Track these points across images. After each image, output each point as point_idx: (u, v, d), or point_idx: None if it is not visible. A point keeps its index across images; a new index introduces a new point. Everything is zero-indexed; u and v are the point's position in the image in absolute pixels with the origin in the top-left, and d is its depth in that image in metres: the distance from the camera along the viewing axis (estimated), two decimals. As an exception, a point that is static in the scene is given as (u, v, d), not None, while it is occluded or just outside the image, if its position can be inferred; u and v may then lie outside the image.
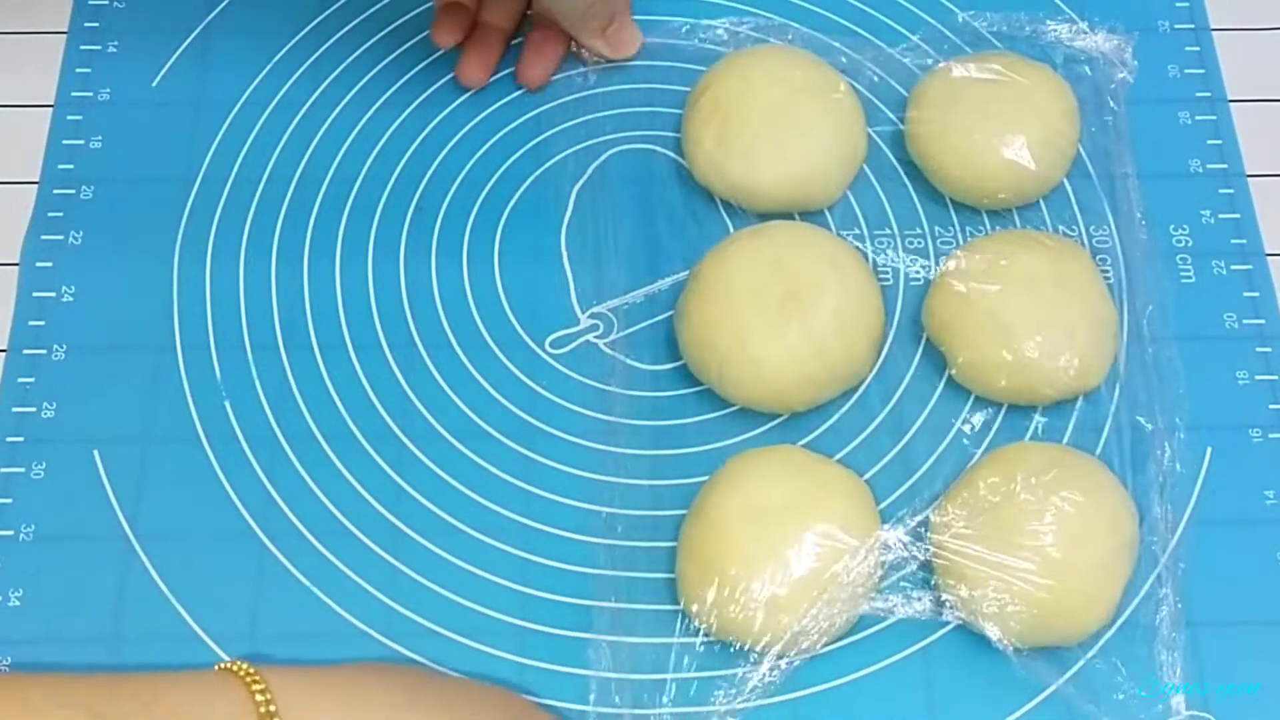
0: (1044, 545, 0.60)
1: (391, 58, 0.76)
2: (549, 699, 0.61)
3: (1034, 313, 0.65)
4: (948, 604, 0.62)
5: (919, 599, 0.62)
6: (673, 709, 0.61)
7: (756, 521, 0.61)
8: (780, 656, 0.61)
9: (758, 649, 0.61)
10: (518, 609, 0.63)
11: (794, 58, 0.73)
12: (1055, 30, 0.76)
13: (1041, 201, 0.73)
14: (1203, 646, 0.62)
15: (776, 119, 0.70)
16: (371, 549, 0.64)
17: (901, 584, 0.63)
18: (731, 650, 0.61)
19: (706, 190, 0.72)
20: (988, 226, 0.72)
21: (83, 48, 0.77)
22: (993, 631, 0.61)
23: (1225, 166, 0.74)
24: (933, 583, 0.62)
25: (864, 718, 0.61)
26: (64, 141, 0.74)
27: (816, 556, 0.60)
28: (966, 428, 0.67)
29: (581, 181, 0.73)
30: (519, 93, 0.75)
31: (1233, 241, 0.72)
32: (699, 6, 0.78)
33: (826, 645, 0.61)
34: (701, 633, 0.62)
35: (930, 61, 0.75)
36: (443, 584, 0.63)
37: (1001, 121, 0.71)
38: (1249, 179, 0.74)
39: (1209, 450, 0.66)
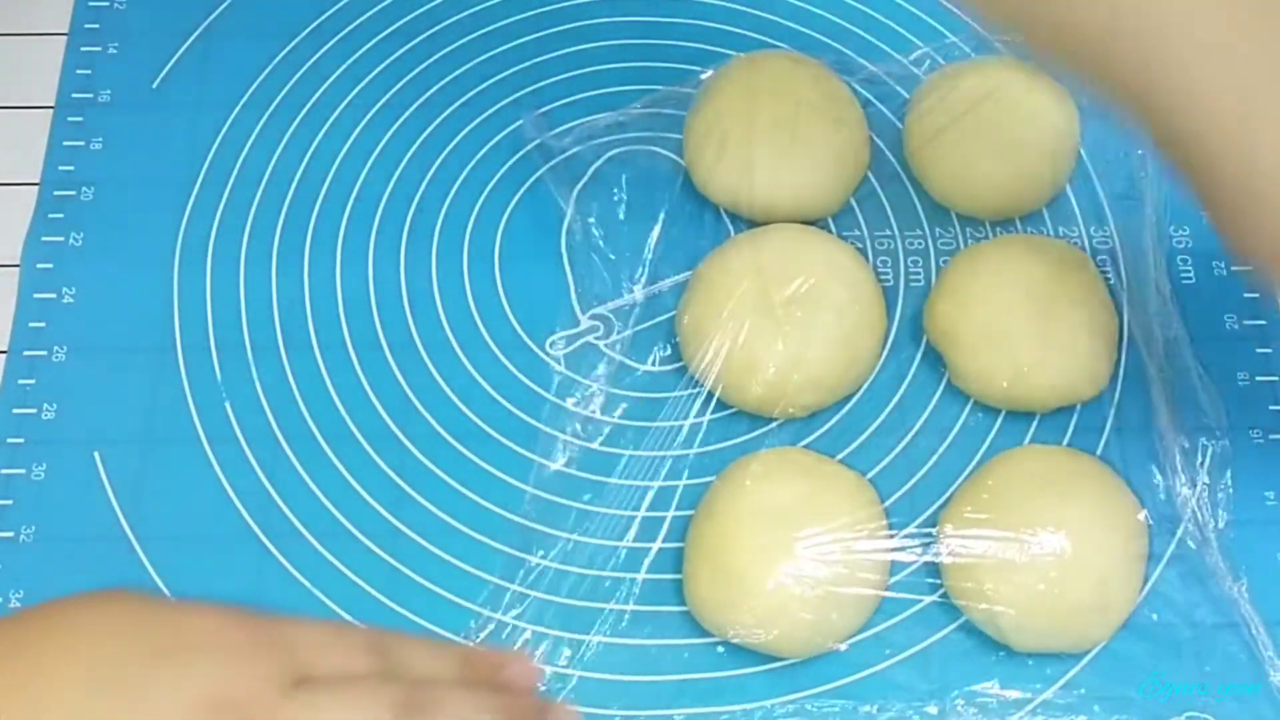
0: (1059, 552, 0.60)
1: (392, 59, 0.76)
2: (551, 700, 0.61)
3: (1034, 321, 0.65)
4: (955, 606, 0.62)
5: (925, 600, 0.62)
6: (678, 710, 0.61)
7: (766, 521, 0.61)
8: (788, 657, 0.61)
9: (766, 649, 0.61)
10: (518, 610, 0.63)
11: (797, 66, 0.73)
12: None
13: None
14: (1204, 647, 0.62)
15: (778, 131, 0.70)
16: (371, 549, 0.64)
17: (907, 585, 0.63)
18: (738, 651, 0.61)
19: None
20: (988, 229, 0.72)
21: (83, 49, 0.77)
22: (1005, 635, 0.61)
23: (1225, 168, 0.74)
24: (939, 584, 0.62)
25: (864, 718, 0.61)
26: (64, 143, 0.74)
27: (826, 557, 0.60)
28: (967, 429, 0.67)
29: (582, 182, 0.73)
30: (521, 92, 0.75)
31: (1233, 243, 0.72)
32: (698, 8, 0.78)
33: (833, 646, 0.61)
34: (708, 633, 0.62)
35: (930, 65, 0.75)
36: (443, 585, 0.63)
37: (1001, 135, 0.70)
38: (1249, 180, 0.74)
39: (1209, 452, 0.66)
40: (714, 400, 0.67)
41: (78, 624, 0.50)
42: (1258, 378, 0.69)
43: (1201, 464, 0.66)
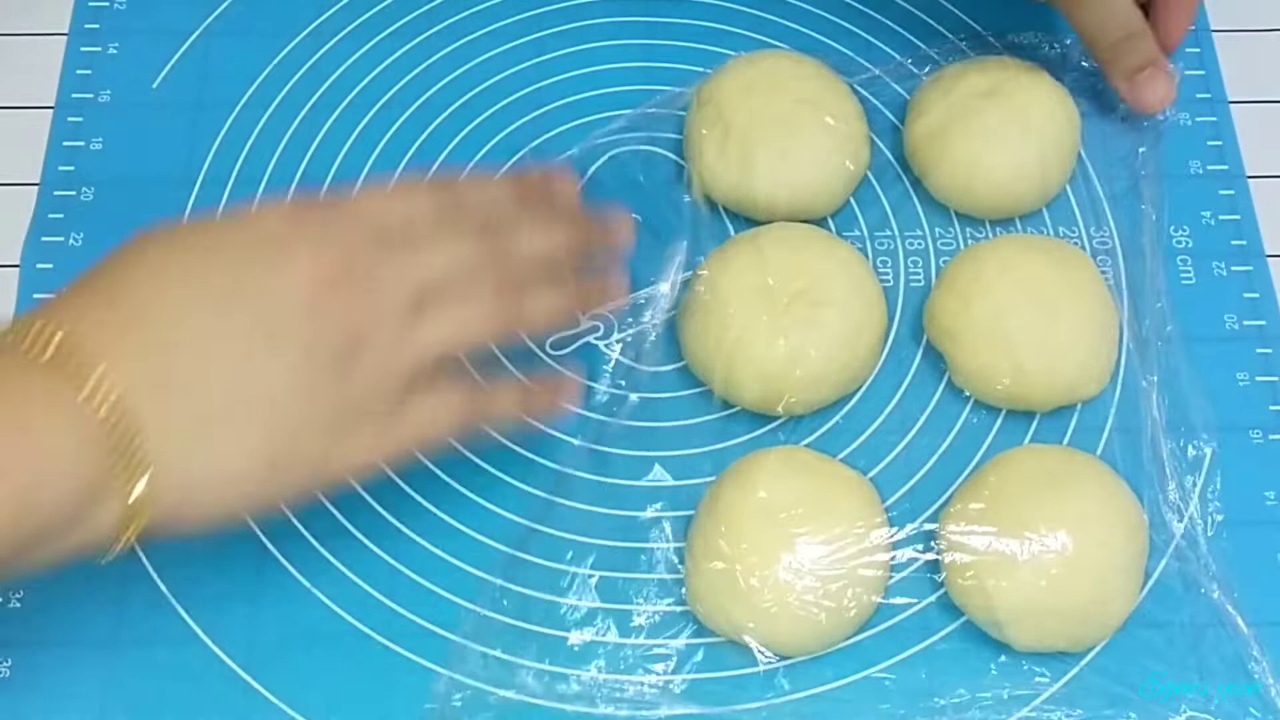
0: (1060, 550, 0.60)
1: (391, 59, 0.76)
2: (550, 700, 0.61)
3: (1034, 321, 0.65)
4: (955, 605, 0.62)
5: (926, 599, 0.62)
6: (679, 710, 0.61)
7: (767, 519, 0.61)
8: (789, 657, 0.61)
9: (766, 649, 0.61)
10: (518, 611, 0.63)
11: (796, 65, 0.73)
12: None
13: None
14: (1203, 647, 0.62)
15: (778, 129, 0.70)
16: (371, 549, 0.64)
17: (907, 584, 0.63)
18: (738, 651, 0.61)
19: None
20: (989, 229, 0.72)
21: (83, 49, 0.77)
22: (1005, 634, 0.61)
23: (1225, 168, 0.74)
24: (940, 583, 0.62)
25: (865, 718, 0.61)
26: (64, 143, 0.74)
27: (827, 555, 0.60)
28: (968, 429, 0.67)
29: (582, 183, 0.73)
30: (520, 93, 0.75)
31: (1233, 243, 0.72)
32: (702, 10, 0.78)
33: (834, 645, 0.61)
34: (708, 633, 0.62)
35: (930, 65, 0.75)
36: (442, 585, 0.63)
37: (1002, 137, 0.70)
38: (1249, 180, 0.74)
39: (1209, 452, 0.66)
40: (715, 399, 0.67)
41: (158, 263, 0.54)
42: (1258, 378, 0.69)
43: (1201, 463, 0.66)
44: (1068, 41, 0.75)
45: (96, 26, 0.78)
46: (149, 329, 0.52)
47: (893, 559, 0.62)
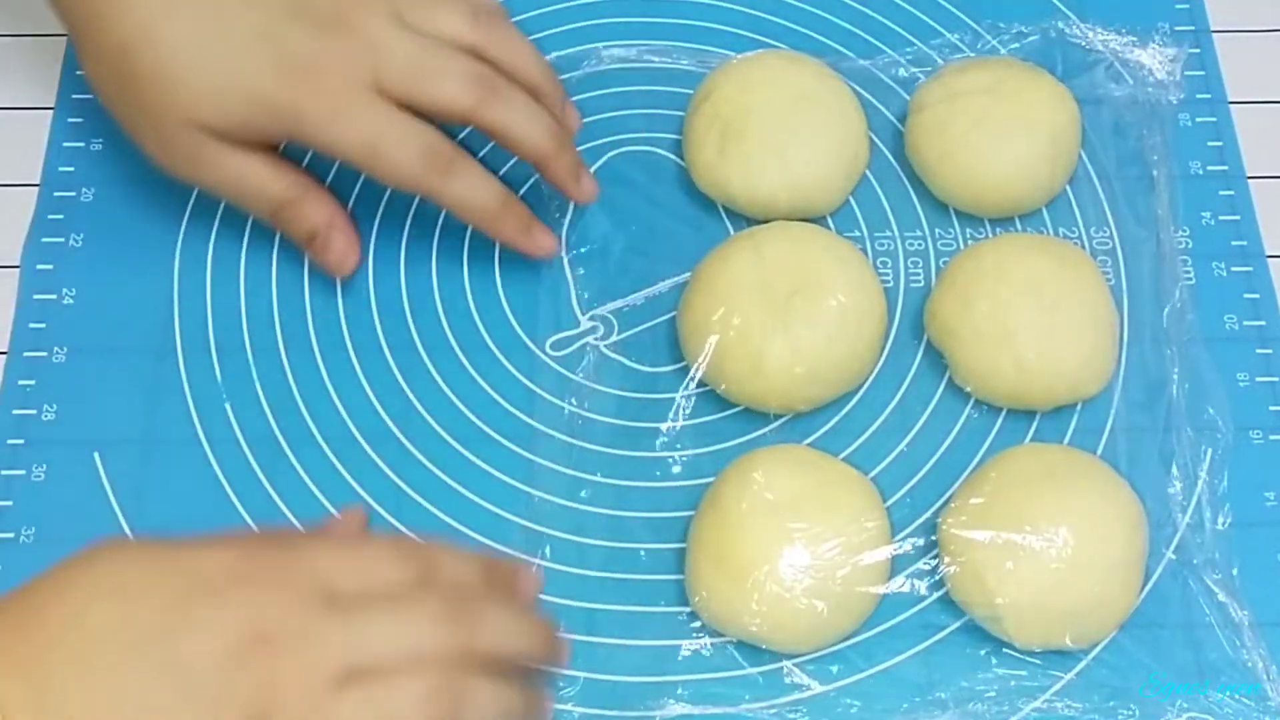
0: (1062, 548, 0.60)
1: (392, 60, 0.76)
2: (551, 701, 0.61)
3: (1035, 319, 0.65)
4: (956, 604, 0.62)
5: (927, 597, 0.62)
6: (680, 710, 0.61)
7: (769, 517, 0.61)
8: (788, 655, 0.61)
9: (767, 648, 0.61)
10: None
11: (795, 64, 0.73)
12: (1104, 40, 0.76)
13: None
14: (1203, 647, 0.62)
15: (777, 128, 0.70)
16: (372, 550, 0.64)
17: (909, 583, 0.63)
18: (739, 651, 0.61)
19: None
20: (989, 229, 0.72)
21: (83, 50, 0.77)
22: (1006, 631, 0.61)
23: (1226, 168, 0.74)
24: (941, 581, 0.62)
25: (867, 715, 0.61)
26: (64, 144, 0.74)
27: (828, 554, 0.60)
28: (969, 428, 0.67)
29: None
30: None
31: (1233, 243, 0.72)
32: (701, 10, 0.78)
33: (834, 644, 0.61)
34: (709, 632, 0.62)
35: (930, 65, 0.75)
36: (443, 585, 0.63)
37: (1003, 135, 0.70)
38: (1249, 181, 0.74)
39: (1209, 452, 0.66)
40: (716, 399, 0.67)
41: (93, 585, 0.51)
42: (1258, 378, 0.69)
43: (1202, 464, 0.66)
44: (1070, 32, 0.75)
45: (97, 27, 0.78)
46: (54, 673, 0.49)
47: (894, 557, 0.62)
